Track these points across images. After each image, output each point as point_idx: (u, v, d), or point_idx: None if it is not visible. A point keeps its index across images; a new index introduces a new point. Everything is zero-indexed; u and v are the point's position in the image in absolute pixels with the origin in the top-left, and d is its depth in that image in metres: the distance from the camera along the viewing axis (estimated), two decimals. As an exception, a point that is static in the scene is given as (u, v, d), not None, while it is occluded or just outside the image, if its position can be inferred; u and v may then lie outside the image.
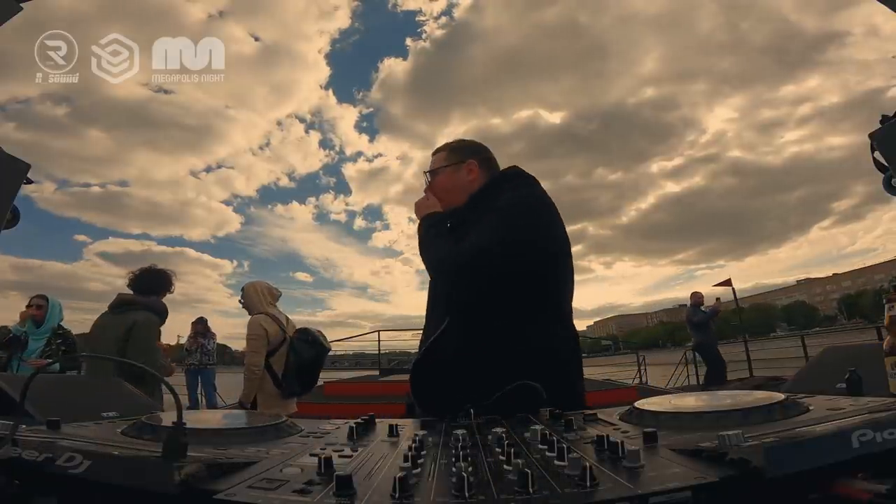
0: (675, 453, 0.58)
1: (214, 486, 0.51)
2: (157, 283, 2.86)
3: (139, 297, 2.76)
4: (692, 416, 0.75)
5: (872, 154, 1.30)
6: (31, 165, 1.28)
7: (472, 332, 1.17)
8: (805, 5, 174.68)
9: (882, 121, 1.28)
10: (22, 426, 0.64)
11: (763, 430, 0.60)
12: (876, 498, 0.46)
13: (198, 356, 6.77)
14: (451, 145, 1.45)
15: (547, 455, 0.61)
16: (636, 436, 0.68)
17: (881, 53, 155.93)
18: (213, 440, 0.74)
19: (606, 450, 0.59)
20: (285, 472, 0.57)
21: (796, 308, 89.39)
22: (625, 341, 63.89)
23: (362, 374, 9.04)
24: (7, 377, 1.27)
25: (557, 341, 1.21)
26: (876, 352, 1.01)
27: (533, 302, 1.18)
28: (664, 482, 0.47)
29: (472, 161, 1.38)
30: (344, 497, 0.47)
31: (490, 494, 0.48)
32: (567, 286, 1.28)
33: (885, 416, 0.57)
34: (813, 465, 0.50)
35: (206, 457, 0.59)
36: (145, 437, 0.74)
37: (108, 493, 0.53)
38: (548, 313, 1.21)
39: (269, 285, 3.30)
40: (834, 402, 0.78)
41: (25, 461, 0.56)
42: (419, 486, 0.51)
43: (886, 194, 1.27)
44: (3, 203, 1.20)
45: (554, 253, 1.23)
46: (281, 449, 0.71)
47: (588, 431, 0.76)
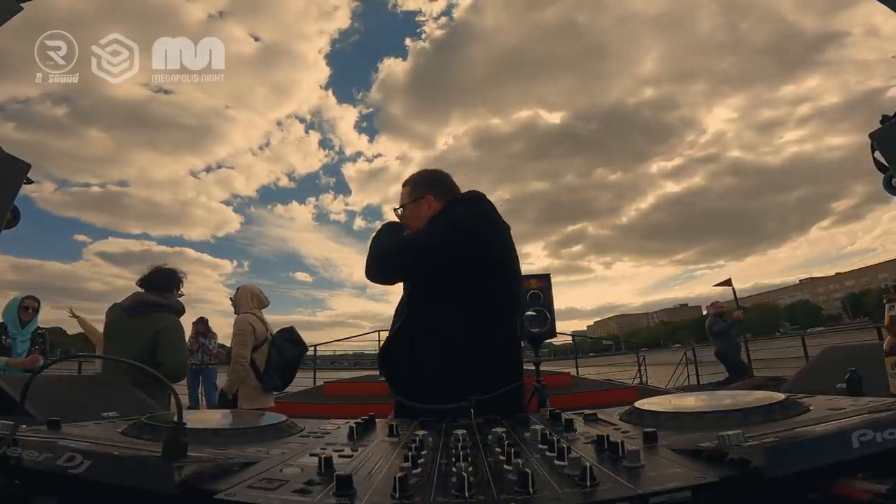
0: (675, 453, 0.58)
1: (214, 486, 0.51)
2: (169, 281, 2.83)
3: (160, 298, 2.72)
4: (692, 416, 0.75)
5: (873, 154, 1.30)
6: (31, 165, 1.28)
7: (419, 327, 1.38)
8: (804, 5, 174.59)
9: (882, 121, 1.28)
10: (22, 426, 0.65)
11: (763, 430, 0.60)
12: (876, 498, 0.46)
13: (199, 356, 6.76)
14: (413, 180, 1.61)
15: (547, 455, 0.61)
16: (636, 436, 0.68)
17: (880, 53, 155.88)
18: (213, 440, 0.74)
19: (606, 450, 0.59)
20: (285, 472, 0.57)
21: (800, 307, 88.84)
22: (626, 341, 63.83)
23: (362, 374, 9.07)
24: (7, 377, 1.27)
25: (495, 340, 1.36)
26: (876, 352, 1.01)
27: (472, 301, 1.34)
28: (664, 482, 0.47)
29: (429, 196, 1.54)
30: (344, 497, 0.47)
31: (490, 494, 0.48)
32: (507, 293, 1.40)
33: (885, 416, 0.57)
34: (813, 465, 0.50)
35: (206, 457, 0.59)
36: (145, 437, 0.74)
37: (108, 493, 0.53)
38: (487, 315, 1.35)
39: (260, 292, 3.47)
40: (834, 402, 0.79)
41: (26, 461, 0.57)
42: (419, 486, 0.51)
43: (886, 194, 1.27)
44: (3, 203, 1.20)
45: (493, 260, 1.37)
46: (281, 449, 0.71)
47: (588, 431, 0.77)
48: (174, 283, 2.84)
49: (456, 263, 1.32)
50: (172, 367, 2.54)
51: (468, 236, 1.34)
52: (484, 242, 1.36)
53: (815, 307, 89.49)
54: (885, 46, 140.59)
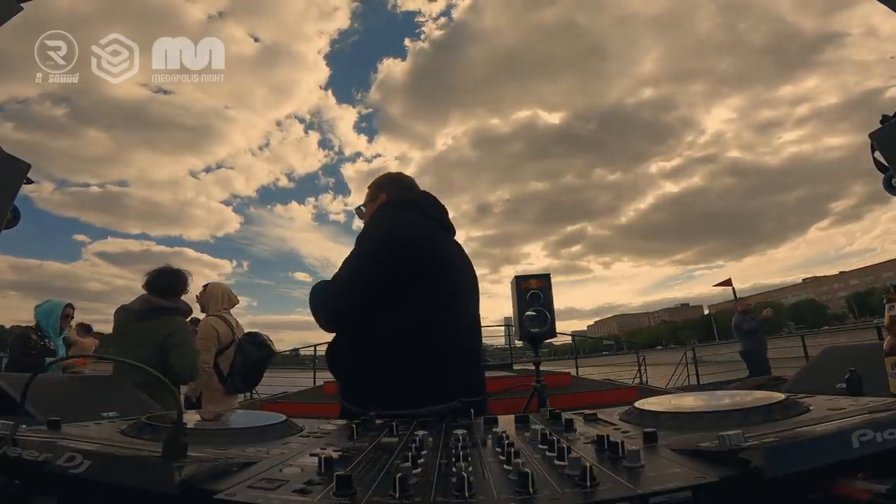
0: (675, 453, 0.58)
1: (214, 486, 0.51)
2: (176, 284, 2.83)
3: (168, 302, 2.72)
4: (692, 416, 0.75)
5: (873, 154, 1.29)
6: (31, 165, 1.27)
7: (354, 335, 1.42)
8: (803, 6, 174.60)
9: (882, 121, 1.27)
10: (22, 426, 0.65)
11: (763, 430, 0.60)
12: (876, 498, 0.46)
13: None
14: (374, 182, 1.69)
15: (547, 455, 0.61)
16: (636, 436, 0.68)
17: (879, 54, 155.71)
18: (213, 440, 0.74)
19: (606, 450, 0.59)
20: (285, 472, 0.57)
21: (805, 306, 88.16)
22: (626, 341, 63.75)
23: (362, 374, 9.08)
24: (7, 377, 1.27)
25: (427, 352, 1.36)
26: (876, 352, 1.01)
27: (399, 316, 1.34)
28: (664, 482, 0.47)
29: (382, 196, 1.61)
30: (344, 497, 0.47)
31: (490, 494, 0.48)
32: (432, 301, 1.39)
33: (885, 416, 0.57)
34: (813, 465, 0.50)
35: (206, 457, 0.59)
36: (145, 437, 0.74)
37: (108, 493, 0.53)
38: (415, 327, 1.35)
39: (230, 291, 3.51)
40: (834, 402, 0.78)
41: (26, 461, 0.57)
42: (419, 486, 0.51)
43: (885, 194, 1.27)
44: (3, 203, 1.20)
45: (410, 278, 1.36)
46: (281, 449, 0.71)
47: (588, 431, 0.76)
48: (181, 285, 2.85)
49: (367, 297, 1.34)
50: (184, 368, 2.59)
51: (376, 270, 1.35)
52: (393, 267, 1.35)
53: (820, 306, 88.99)
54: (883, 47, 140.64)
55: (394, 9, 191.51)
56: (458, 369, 1.41)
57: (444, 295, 1.41)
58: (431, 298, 1.38)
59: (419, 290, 1.37)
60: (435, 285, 1.40)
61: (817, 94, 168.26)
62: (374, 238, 1.46)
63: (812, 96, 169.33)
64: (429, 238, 1.46)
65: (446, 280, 1.43)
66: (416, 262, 1.38)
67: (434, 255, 1.43)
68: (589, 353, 31.39)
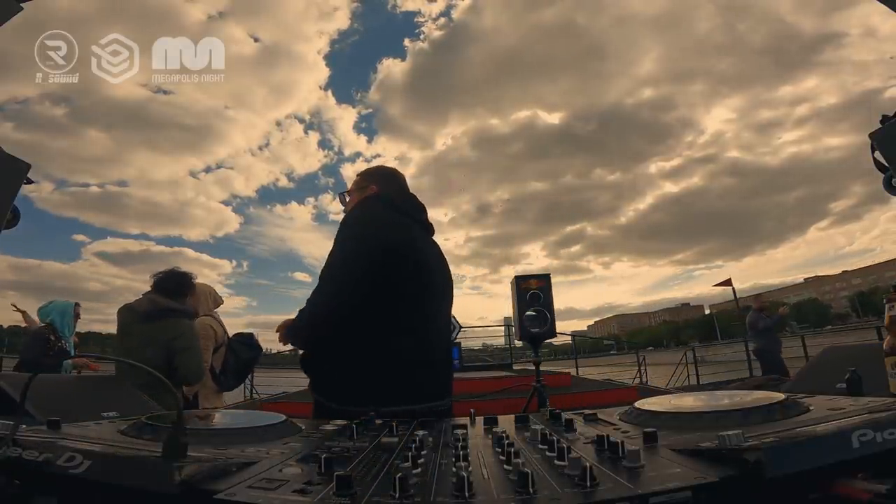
0: (675, 453, 0.58)
1: (214, 486, 0.51)
2: (183, 286, 2.85)
3: (175, 304, 2.73)
4: (692, 416, 0.75)
5: (872, 154, 1.29)
6: (31, 165, 1.27)
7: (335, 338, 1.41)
8: (802, 6, 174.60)
9: (882, 121, 1.27)
10: (22, 426, 0.65)
11: (763, 430, 0.60)
12: (876, 498, 0.46)
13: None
14: (366, 172, 1.69)
15: (547, 455, 0.61)
16: (636, 436, 0.68)
17: (878, 54, 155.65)
18: (213, 440, 0.74)
19: (606, 450, 0.59)
20: (285, 472, 0.57)
21: (807, 306, 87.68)
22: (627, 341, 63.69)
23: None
24: (7, 377, 1.27)
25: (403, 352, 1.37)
26: (876, 352, 1.01)
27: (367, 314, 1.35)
28: (664, 482, 0.47)
29: (371, 187, 1.60)
30: (344, 497, 0.47)
31: (490, 494, 0.48)
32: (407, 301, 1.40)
33: (885, 416, 0.57)
34: (813, 465, 0.50)
35: (206, 457, 0.59)
36: (145, 437, 0.74)
37: (108, 493, 0.53)
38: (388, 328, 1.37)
39: (216, 291, 3.58)
40: (834, 402, 0.78)
41: (26, 461, 0.57)
42: (419, 486, 0.51)
43: (885, 194, 1.27)
44: (3, 203, 1.20)
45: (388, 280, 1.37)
46: (281, 449, 0.71)
47: (588, 431, 0.76)
48: (188, 287, 2.87)
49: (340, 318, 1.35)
50: (190, 370, 2.60)
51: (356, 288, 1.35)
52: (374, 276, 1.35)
53: (823, 306, 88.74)
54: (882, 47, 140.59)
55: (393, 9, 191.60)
56: (427, 369, 1.42)
57: (419, 295, 1.42)
58: (407, 298, 1.40)
59: (395, 289, 1.38)
60: (411, 285, 1.41)
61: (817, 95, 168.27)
62: (352, 249, 1.42)
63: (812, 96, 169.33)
64: (408, 240, 1.47)
65: (425, 282, 1.45)
66: (396, 267, 1.39)
67: (413, 256, 1.45)
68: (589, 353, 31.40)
